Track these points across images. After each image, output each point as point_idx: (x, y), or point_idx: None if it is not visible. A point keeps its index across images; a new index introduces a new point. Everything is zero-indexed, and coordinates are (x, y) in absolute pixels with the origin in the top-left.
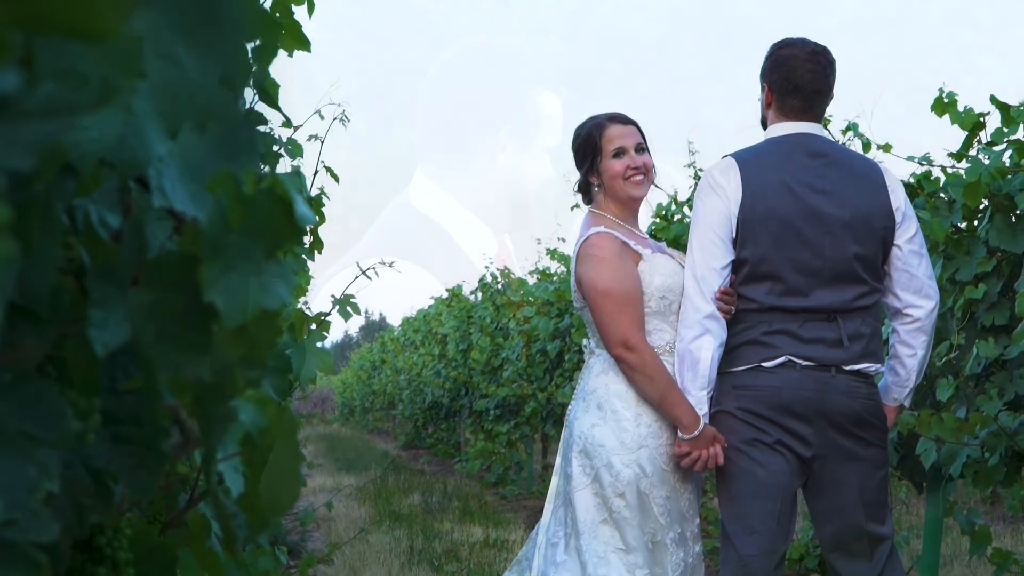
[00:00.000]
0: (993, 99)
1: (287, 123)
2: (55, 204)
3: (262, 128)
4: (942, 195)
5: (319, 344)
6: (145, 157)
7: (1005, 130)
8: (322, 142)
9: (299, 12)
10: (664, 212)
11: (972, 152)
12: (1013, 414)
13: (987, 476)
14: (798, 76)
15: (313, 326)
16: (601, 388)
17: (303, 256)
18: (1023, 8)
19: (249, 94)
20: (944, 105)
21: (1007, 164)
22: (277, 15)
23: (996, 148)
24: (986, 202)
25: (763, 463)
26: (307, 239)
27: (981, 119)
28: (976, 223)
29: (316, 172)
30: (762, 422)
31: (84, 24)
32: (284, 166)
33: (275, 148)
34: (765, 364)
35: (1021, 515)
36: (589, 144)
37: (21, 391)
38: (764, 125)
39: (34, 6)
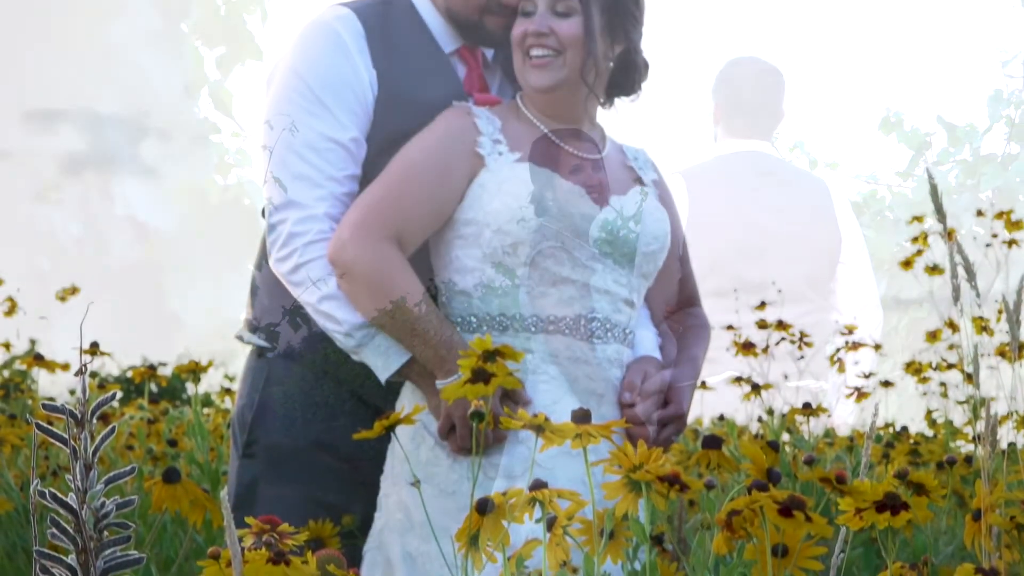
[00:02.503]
0: (940, 120)
1: (237, 132)
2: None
3: (214, 137)
4: (888, 214)
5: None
6: (112, 164)
7: (951, 150)
8: (271, 152)
9: (251, 21)
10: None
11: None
12: None
13: None
14: (743, 95)
15: None
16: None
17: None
18: (968, 29)
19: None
20: (891, 125)
21: (953, 184)
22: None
23: (942, 168)
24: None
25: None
26: None
27: (927, 139)
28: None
29: (265, 182)
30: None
31: None
32: (233, 176)
33: (225, 158)
34: (709, 380)
35: None
36: None
37: None
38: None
39: None
